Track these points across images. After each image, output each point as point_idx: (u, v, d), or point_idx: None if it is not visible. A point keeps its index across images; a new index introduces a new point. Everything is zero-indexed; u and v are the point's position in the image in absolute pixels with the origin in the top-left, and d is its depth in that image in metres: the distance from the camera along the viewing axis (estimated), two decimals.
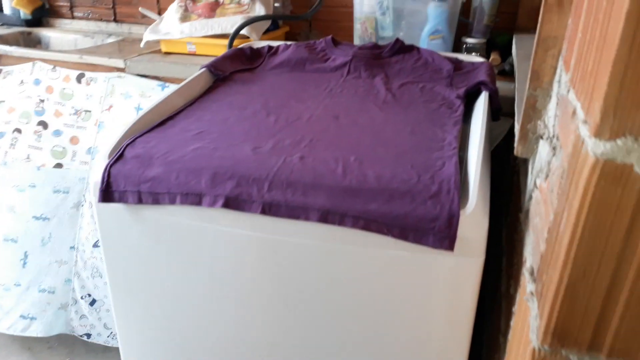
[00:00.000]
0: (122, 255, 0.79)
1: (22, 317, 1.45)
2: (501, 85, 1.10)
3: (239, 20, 1.36)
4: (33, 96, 1.46)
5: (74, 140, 1.43)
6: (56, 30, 1.85)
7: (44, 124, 1.45)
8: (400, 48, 1.09)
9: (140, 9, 1.63)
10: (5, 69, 1.51)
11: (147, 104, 1.35)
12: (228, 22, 1.37)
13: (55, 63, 1.45)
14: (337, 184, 0.66)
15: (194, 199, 0.69)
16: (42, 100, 1.46)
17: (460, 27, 1.36)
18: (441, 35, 1.33)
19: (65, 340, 1.61)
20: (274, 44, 1.18)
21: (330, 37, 1.14)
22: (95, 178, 0.73)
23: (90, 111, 1.42)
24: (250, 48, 1.13)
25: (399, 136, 0.79)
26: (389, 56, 1.08)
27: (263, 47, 1.15)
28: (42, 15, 1.91)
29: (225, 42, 1.35)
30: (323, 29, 1.60)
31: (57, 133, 1.44)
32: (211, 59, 1.05)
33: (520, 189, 0.76)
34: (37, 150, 1.44)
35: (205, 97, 0.95)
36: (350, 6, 1.54)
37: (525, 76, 0.63)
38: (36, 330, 1.46)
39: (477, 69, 1.01)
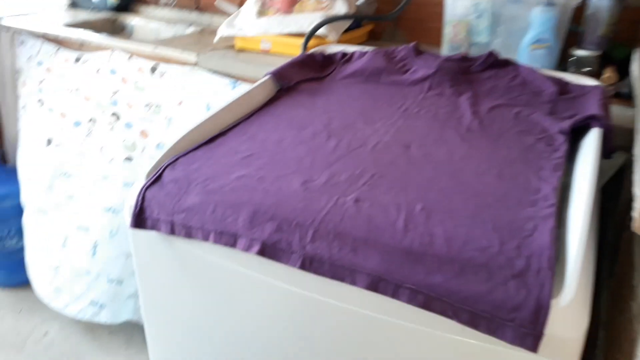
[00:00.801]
0: (154, 279, 0.73)
1: (92, 303, 1.47)
2: (616, 111, 0.91)
3: (317, 18, 1.26)
4: (108, 86, 1.46)
5: (144, 134, 1.41)
6: (140, 18, 1.85)
7: (116, 116, 1.44)
8: (495, 62, 0.93)
9: (216, 2, 1.58)
10: (84, 55, 1.52)
11: (217, 103, 1.29)
12: (305, 21, 1.27)
13: (132, 52, 1.43)
14: (395, 243, 0.54)
15: (229, 239, 0.60)
16: (116, 91, 1.44)
17: (569, 36, 1.16)
18: (546, 45, 1.14)
19: (125, 327, 1.63)
20: (349, 49, 1.06)
21: (413, 44, 1.00)
22: (130, 200, 0.66)
23: (160, 105, 1.38)
24: (322, 54, 1.03)
25: (482, 179, 0.65)
26: (480, 71, 0.93)
27: (336, 54, 1.03)
28: (129, 1, 1.92)
29: (301, 40, 1.25)
30: (409, 29, 1.46)
31: (129, 125, 1.43)
32: (285, 60, 0.96)
33: (633, 264, 0.59)
34: (109, 142, 1.44)
35: (264, 110, 0.85)
36: (440, 5, 1.38)
37: None
38: (105, 317, 1.48)
39: (587, 95, 0.83)
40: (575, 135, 0.75)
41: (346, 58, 1.02)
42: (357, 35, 1.41)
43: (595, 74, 1.15)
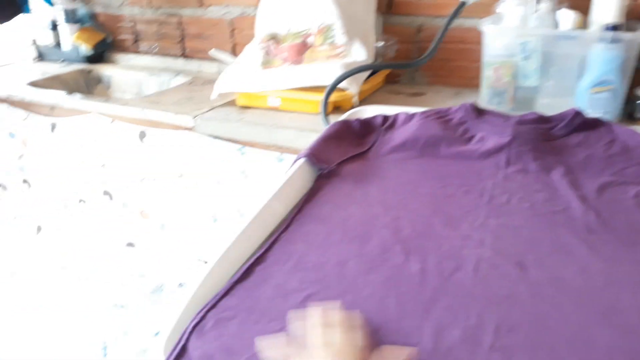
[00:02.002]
0: None
1: None
2: None
3: (333, 68, 1.06)
4: (93, 158, 1.24)
5: (143, 214, 1.19)
6: (118, 68, 1.64)
7: (109, 195, 1.22)
8: (582, 123, 0.74)
9: (210, 52, 1.37)
10: (59, 121, 1.30)
11: (226, 175, 1.08)
12: (319, 72, 1.07)
13: (113, 117, 1.22)
14: None
15: None
16: (103, 164, 1.22)
17: (634, 74, 0.99)
18: (609, 87, 0.97)
19: None
20: (388, 110, 0.86)
21: (470, 103, 0.81)
22: None
23: (156, 179, 1.17)
24: (359, 121, 0.83)
25: None
26: (564, 135, 0.74)
27: (375, 118, 0.84)
28: (105, 50, 1.71)
29: (316, 95, 1.06)
30: (432, 70, 1.27)
31: (125, 205, 1.21)
32: (299, 119, 0.76)
33: None
34: (105, 226, 1.22)
35: (305, 211, 0.65)
36: (471, 42, 1.20)
37: None
38: None
39: None
40: None
41: (388, 123, 0.82)
42: (375, 83, 1.22)
43: None
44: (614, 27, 0.94)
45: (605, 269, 0.52)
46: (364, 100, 1.15)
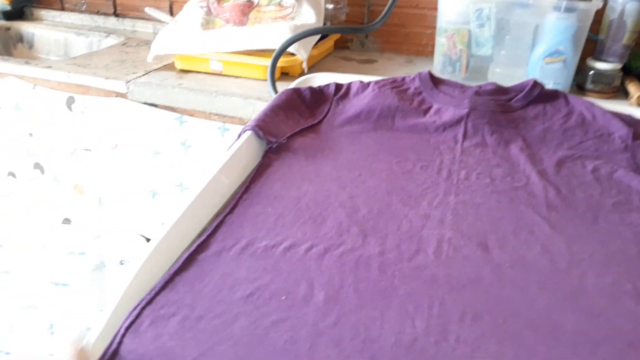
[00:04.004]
0: None
1: None
2: None
3: (280, 30, 0.99)
4: (19, 128, 1.11)
5: (78, 188, 1.09)
6: (42, 26, 1.47)
7: (40, 168, 1.10)
8: (540, 95, 0.72)
9: (146, 9, 1.25)
10: None
11: (166, 145, 0.99)
12: (266, 34, 1.00)
13: (35, 81, 1.09)
14: None
15: None
16: (31, 134, 1.10)
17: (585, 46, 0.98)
18: (562, 57, 0.96)
19: None
20: (341, 78, 0.81)
21: (426, 72, 0.77)
22: None
23: (90, 150, 1.06)
24: (310, 89, 0.77)
25: (618, 306, 0.44)
26: (523, 107, 0.72)
27: (327, 86, 0.78)
28: (25, 5, 1.54)
29: (262, 60, 0.99)
30: (384, 36, 1.22)
31: (57, 180, 1.09)
32: (245, 85, 0.69)
33: None
34: (38, 200, 1.11)
35: (253, 190, 0.59)
36: (425, 6, 1.16)
37: None
38: None
39: None
40: None
41: (342, 93, 0.77)
42: (325, 48, 1.15)
43: (618, 90, 0.99)
44: None
45: (569, 249, 0.50)
46: (313, 66, 1.09)
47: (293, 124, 0.70)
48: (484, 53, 1.02)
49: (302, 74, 0.97)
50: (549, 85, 0.92)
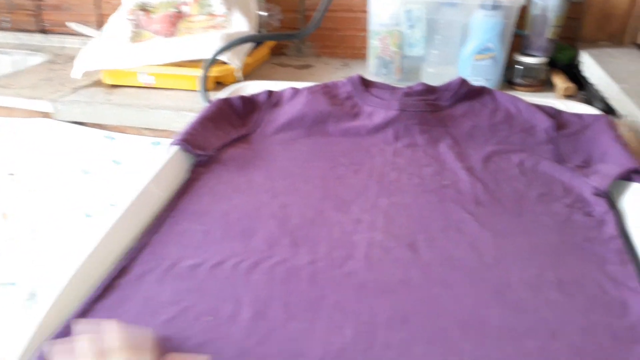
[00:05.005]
0: None
1: None
2: None
3: (213, 40, 0.97)
4: None
5: (5, 216, 1.03)
6: None
7: None
8: (467, 92, 0.74)
9: (68, 23, 1.21)
10: None
11: (94, 164, 0.95)
12: (198, 44, 0.98)
13: None
14: None
15: None
16: None
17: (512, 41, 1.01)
18: (491, 54, 0.98)
19: None
20: (273, 86, 0.80)
21: (357, 75, 0.77)
22: None
23: (14, 174, 1.01)
24: (241, 98, 0.75)
25: (541, 297, 0.44)
26: (451, 105, 0.73)
27: (258, 95, 0.77)
28: None
29: (194, 71, 0.96)
30: (320, 40, 1.23)
31: None
32: (177, 98, 0.67)
33: None
34: None
35: (180, 206, 0.57)
36: (358, 10, 1.17)
37: None
38: None
39: (591, 128, 0.67)
40: None
41: (274, 100, 0.76)
42: (260, 56, 1.14)
43: (545, 83, 1.02)
44: None
45: (495, 243, 0.51)
46: (250, 75, 1.08)
47: (223, 134, 0.68)
48: (417, 53, 1.03)
49: (236, 83, 0.95)
50: (481, 82, 0.94)
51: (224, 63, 0.96)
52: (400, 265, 0.48)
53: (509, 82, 1.04)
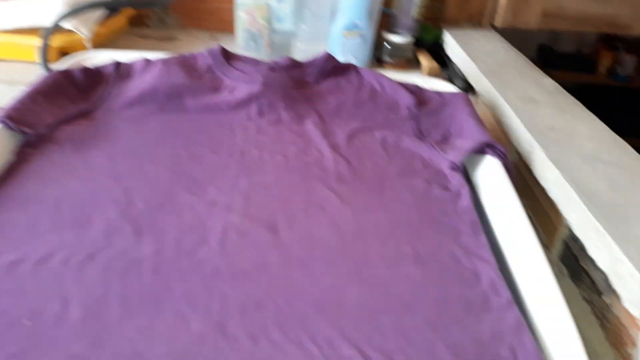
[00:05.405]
0: None
1: None
2: None
3: (55, 5, 0.85)
4: None
5: None
6: None
7: None
8: (333, 69, 0.72)
9: None
10: None
11: None
12: (38, 10, 0.85)
13: None
14: None
15: None
16: None
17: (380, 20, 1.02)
18: (359, 32, 0.98)
19: None
20: (124, 56, 0.72)
21: (218, 47, 0.72)
22: None
23: None
24: (84, 70, 0.66)
25: (399, 272, 0.44)
26: (317, 81, 0.71)
27: (106, 67, 0.68)
28: None
29: (34, 39, 0.84)
30: (184, 11, 1.14)
31: None
32: (14, 69, 0.59)
33: None
34: None
35: (1, 193, 0.48)
36: None
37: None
38: None
39: (450, 105, 0.69)
40: None
41: (122, 72, 0.68)
42: (116, 25, 1.03)
43: (412, 62, 1.05)
44: None
45: (356, 220, 0.49)
46: (103, 46, 0.97)
47: (58, 110, 0.59)
48: (286, 28, 1.00)
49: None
50: (350, 59, 0.94)
51: (71, 32, 0.85)
52: (258, 248, 0.45)
53: (377, 60, 1.05)
